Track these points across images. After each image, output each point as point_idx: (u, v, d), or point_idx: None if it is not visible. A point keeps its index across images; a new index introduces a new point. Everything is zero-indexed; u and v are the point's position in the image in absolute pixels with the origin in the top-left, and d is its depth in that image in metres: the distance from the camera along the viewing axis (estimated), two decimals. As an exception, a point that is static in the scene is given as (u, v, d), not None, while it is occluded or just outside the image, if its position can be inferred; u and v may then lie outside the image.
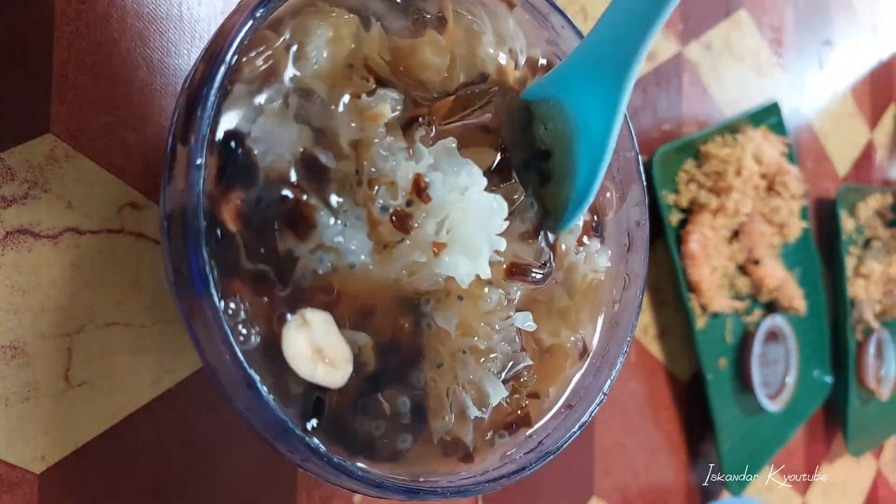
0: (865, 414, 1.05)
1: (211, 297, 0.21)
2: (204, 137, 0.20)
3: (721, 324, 0.79)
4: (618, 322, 0.35)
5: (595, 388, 0.33)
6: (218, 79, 0.21)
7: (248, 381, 0.21)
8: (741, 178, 0.72)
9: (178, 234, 0.21)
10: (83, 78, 0.38)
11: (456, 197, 0.27)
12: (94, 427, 0.38)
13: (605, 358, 0.34)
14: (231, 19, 0.24)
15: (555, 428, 0.32)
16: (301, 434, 0.22)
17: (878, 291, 1.04)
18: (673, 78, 0.74)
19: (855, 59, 1.12)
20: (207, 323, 0.21)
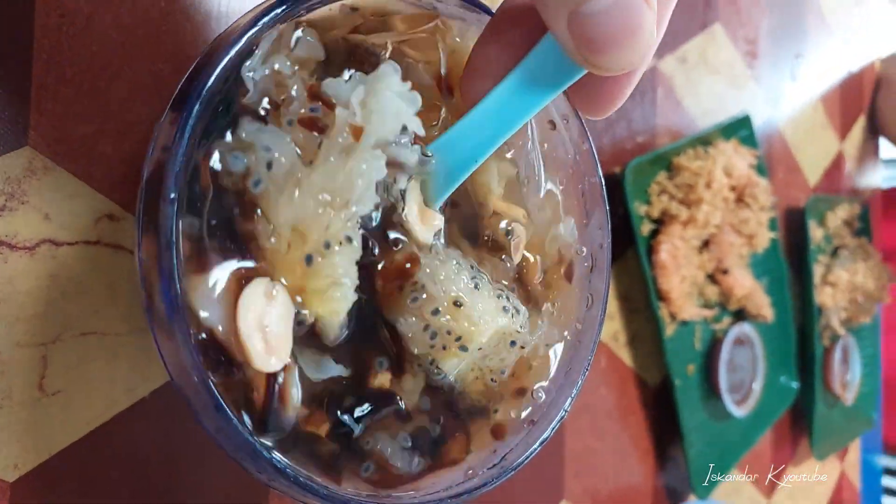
0: (831, 418, 1.08)
1: (182, 323, 0.22)
2: (178, 174, 0.21)
3: (690, 331, 0.81)
4: (580, 340, 0.36)
5: (557, 405, 0.34)
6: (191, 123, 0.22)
7: (216, 405, 0.22)
8: (711, 190, 0.73)
9: (151, 264, 0.22)
10: (63, 90, 0.39)
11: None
12: (68, 435, 0.38)
13: (568, 375, 0.35)
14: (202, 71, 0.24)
15: (517, 444, 0.33)
16: (268, 456, 0.23)
17: (844, 299, 1.06)
18: (647, 91, 0.76)
19: (826, 71, 1.14)
20: (177, 348, 0.22)
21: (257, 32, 0.24)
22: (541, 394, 0.34)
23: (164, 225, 0.21)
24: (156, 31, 0.42)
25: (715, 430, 0.84)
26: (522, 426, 0.34)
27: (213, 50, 0.23)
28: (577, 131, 0.35)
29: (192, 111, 0.21)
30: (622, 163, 0.72)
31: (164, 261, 0.21)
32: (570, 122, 0.35)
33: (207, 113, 0.23)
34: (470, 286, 0.30)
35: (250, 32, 0.23)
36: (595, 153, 0.35)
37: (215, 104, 0.23)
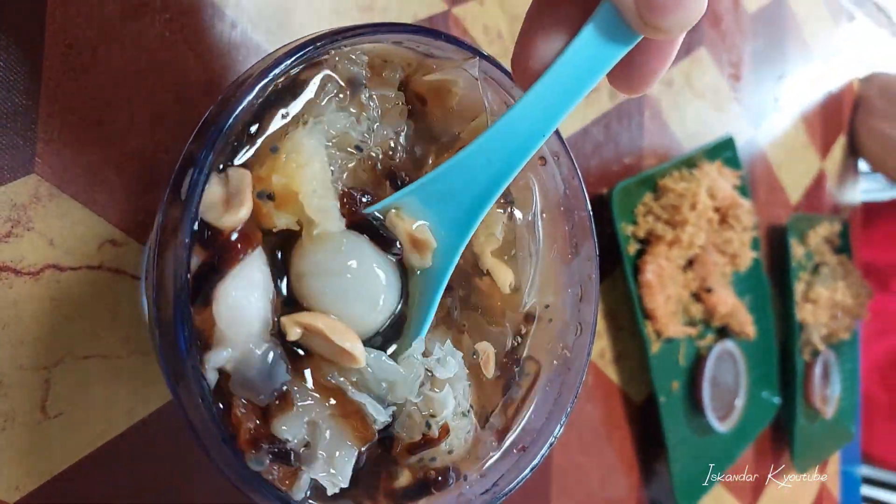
0: (811, 432, 1.10)
1: (195, 363, 0.23)
2: (193, 219, 0.22)
3: (675, 348, 0.82)
4: (570, 367, 0.38)
5: (547, 431, 0.35)
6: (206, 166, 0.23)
7: (225, 439, 0.23)
8: (696, 211, 0.75)
9: (165, 304, 0.23)
10: (69, 118, 0.40)
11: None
12: (69, 457, 0.39)
13: (557, 402, 0.36)
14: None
15: (508, 469, 0.34)
16: (281, 494, 0.24)
17: (825, 315, 1.09)
18: (635, 114, 0.78)
19: (807, 92, 1.17)
20: (189, 385, 0.23)
21: (270, 82, 0.25)
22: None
23: (179, 267, 0.22)
24: (159, 62, 0.43)
25: (699, 445, 0.86)
26: (514, 453, 0.35)
27: (229, 97, 0.24)
28: (567, 167, 0.37)
29: (204, 171, 0.22)
30: (609, 184, 0.74)
31: (180, 303, 0.22)
32: (560, 159, 0.37)
33: (222, 160, 0.24)
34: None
35: (262, 83, 0.25)
36: (584, 189, 0.37)
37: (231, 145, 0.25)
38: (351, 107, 0.30)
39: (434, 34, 0.30)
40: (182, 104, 0.44)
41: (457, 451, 0.34)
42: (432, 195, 0.31)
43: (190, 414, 0.24)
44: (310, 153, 0.27)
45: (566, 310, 0.38)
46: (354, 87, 0.29)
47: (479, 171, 0.30)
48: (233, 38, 0.46)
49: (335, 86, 0.29)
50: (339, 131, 0.30)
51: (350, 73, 0.29)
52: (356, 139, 0.30)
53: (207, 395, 0.23)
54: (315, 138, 0.28)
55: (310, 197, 0.27)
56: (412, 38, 0.29)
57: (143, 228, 0.42)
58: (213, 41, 0.45)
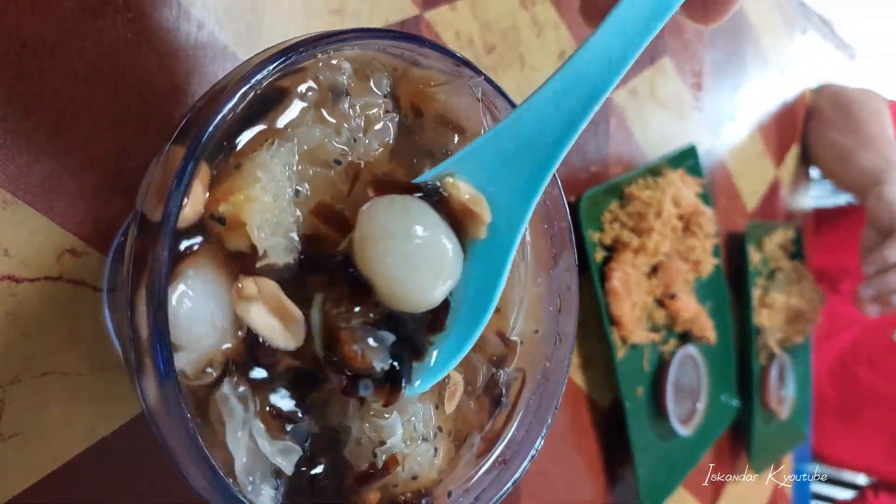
0: (767, 433, 1.12)
1: (173, 386, 0.22)
2: (172, 235, 0.21)
3: (639, 354, 0.83)
4: (549, 378, 0.37)
5: (527, 443, 0.35)
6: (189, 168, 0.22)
7: (209, 468, 0.22)
8: (661, 219, 0.76)
9: (143, 327, 0.22)
10: (24, 123, 0.38)
11: None
12: (26, 479, 0.37)
13: (537, 414, 0.36)
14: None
15: (490, 483, 0.34)
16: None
17: (780, 320, 1.11)
18: (601, 122, 0.78)
19: (763, 102, 1.20)
20: (169, 410, 0.22)
21: (251, 88, 0.24)
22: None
23: (156, 284, 0.21)
24: (121, 64, 0.41)
25: (662, 449, 0.86)
26: (495, 466, 0.35)
27: (209, 102, 0.23)
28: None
29: (185, 174, 0.21)
30: (576, 192, 0.74)
31: (158, 322, 0.21)
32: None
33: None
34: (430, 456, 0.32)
35: (243, 89, 0.23)
36: (564, 199, 0.37)
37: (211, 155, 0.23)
38: (331, 117, 0.28)
39: (419, 41, 0.29)
40: (145, 108, 0.42)
41: (424, 475, 0.32)
42: (488, 160, 0.29)
43: (167, 437, 0.22)
44: (261, 185, 0.26)
45: (547, 320, 0.38)
46: (336, 95, 0.28)
47: (544, 124, 0.28)
48: (199, 40, 0.44)
49: (314, 95, 0.28)
50: (313, 146, 0.28)
51: (332, 80, 0.28)
52: (335, 152, 0.29)
53: (187, 416, 0.22)
54: (278, 160, 0.27)
55: (256, 232, 0.26)
56: (397, 44, 0.28)
57: (105, 238, 0.41)
58: (178, 43, 0.43)
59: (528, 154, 0.29)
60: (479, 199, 0.29)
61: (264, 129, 0.27)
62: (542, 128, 0.28)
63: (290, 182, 0.27)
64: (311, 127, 0.28)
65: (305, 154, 0.28)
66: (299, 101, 0.28)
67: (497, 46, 0.64)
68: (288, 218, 0.27)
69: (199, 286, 0.24)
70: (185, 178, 0.21)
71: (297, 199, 0.28)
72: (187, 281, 0.24)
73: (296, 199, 0.27)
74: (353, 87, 0.29)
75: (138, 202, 0.24)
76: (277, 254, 0.26)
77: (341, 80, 0.28)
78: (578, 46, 0.28)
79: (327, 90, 0.28)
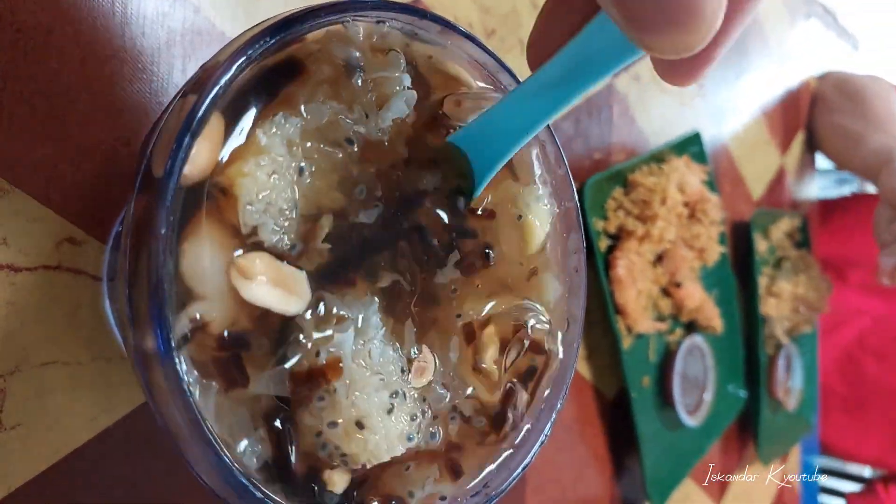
0: (775, 424, 1.11)
1: (173, 364, 0.21)
2: (170, 207, 0.21)
3: (645, 343, 0.82)
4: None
5: (537, 429, 0.34)
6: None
7: (209, 445, 0.21)
8: (666, 206, 0.75)
9: (142, 302, 0.21)
10: (20, 109, 0.37)
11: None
12: (28, 470, 0.37)
13: (547, 399, 0.35)
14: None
15: (499, 469, 0.33)
16: (260, 495, 0.22)
17: (787, 309, 1.10)
18: (604, 108, 0.78)
19: (768, 88, 1.19)
20: (170, 388, 0.21)
21: (247, 61, 0.23)
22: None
23: (154, 262, 0.20)
24: (118, 48, 0.40)
25: (669, 440, 0.86)
26: (502, 451, 0.34)
27: (203, 76, 0.23)
28: (554, 157, 0.36)
29: (183, 143, 0.21)
30: (579, 179, 0.73)
31: (156, 300, 0.20)
32: (546, 148, 0.36)
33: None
34: (384, 408, 0.28)
35: (239, 61, 0.23)
36: (571, 178, 0.36)
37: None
38: (343, 92, 0.28)
39: (419, 13, 0.28)
40: (142, 94, 0.41)
41: (378, 459, 0.28)
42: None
43: (168, 421, 0.22)
44: (258, 160, 0.25)
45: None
46: (349, 70, 0.27)
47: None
48: (195, 24, 0.44)
49: (327, 70, 0.27)
50: (323, 122, 0.27)
51: (345, 54, 0.27)
52: (346, 130, 0.28)
53: (188, 397, 0.21)
54: (282, 135, 0.26)
55: (243, 209, 0.25)
56: (398, 17, 0.28)
57: (104, 226, 0.40)
58: (174, 27, 0.43)
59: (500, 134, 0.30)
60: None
61: (271, 101, 0.26)
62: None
63: (292, 160, 0.27)
64: (322, 103, 0.27)
65: (314, 131, 0.27)
66: (310, 74, 0.27)
67: (497, 30, 0.63)
68: (285, 196, 0.26)
69: (201, 250, 0.24)
70: (195, 123, 0.20)
71: (301, 179, 0.27)
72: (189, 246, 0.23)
73: (298, 178, 0.27)
74: (367, 61, 0.28)
75: (141, 162, 0.23)
76: (267, 233, 0.25)
77: (353, 53, 0.27)
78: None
79: (340, 64, 0.27)
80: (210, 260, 0.23)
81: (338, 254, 0.28)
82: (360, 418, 0.26)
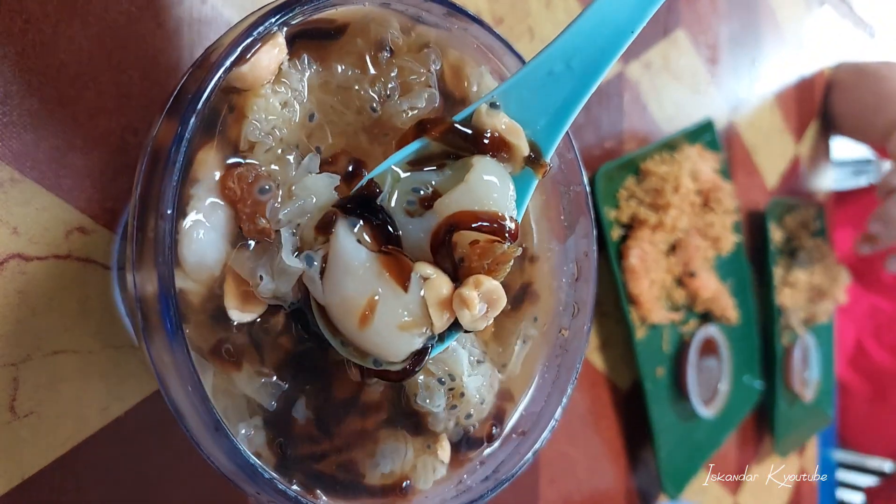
0: (791, 416, 1.10)
1: (181, 345, 0.21)
2: (175, 188, 0.20)
3: (658, 334, 0.82)
4: (567, 349, 0.36)
5: (547, 414, 0.34)
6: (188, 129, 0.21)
7: (216, 426, 0.21)
8: (679, 195, 0.75)
9: (150, 285, 0.21)
10: (30, 100, 0.37)
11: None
12: (41, 458, 0.37)
13: (556, 384, 0.35)
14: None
15: (509, 454, 0.33)
16: (269, 477, 0.22)
17: (803, 299, 1.09)
18: (614, 96, 0.77)
19: (782, 76, 1.18)
20: (177, 369, 0.21)
21: (251, 43, 0.23)
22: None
23: (161, 240, 0.20)
24: (124, 38, 0.40)
25: (684, 431, 0.85)
26: (512, 436, 0.34)
27: (207, 60, 0.22)
28: (563, 141, 0.35)
29: (189, 124, 0.21)
30: (591, 168, 0.73)
31: (164, 280, 0.20)
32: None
33: (203, 124, 0.22)
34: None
35: (244, 43, 0.23)
36: (580, 162, 0.35)
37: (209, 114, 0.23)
38: (371, 66, 0.29)
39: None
40: (150, 83, 0.42)
41: (488, 399, 0.33)
42: (522, 94, 0.29)
43: (178, 402, 0.22)
44: (273, 86, 0.27)
45: (562, 289, 0.37)
46: (379, 48, 0.29)
47: (576, 55, 0.28)
48: (203, 14, 0.44)
49: (361, 42, 0.29)
50: (341, 82, 0.29)
51: (379, 35, 0.28)
52: (367, 100, 0.29)
53: (197, 378, 0.21)
54: (300, 74, 0.28)
55: (248, 125, 0.26)
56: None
57: (113, 215, 0.40)
58: (181, 16, 0.43)
59: (558, 86, 0.29)
60: (516, 129, 0.29)
61: (307, 44, 0.28)
62: (574, 58, 0.29)
63: (304, 100, 0.28)
64: (347, 68, 0.29)
65: (335, 88, 0.29)
66: (346, 40, 0.29)
67: (505, 19, 0.63)
68: (290, 132, 0.28)
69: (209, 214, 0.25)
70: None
71: (311, 124, 0.28)
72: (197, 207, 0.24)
73: (309, 124, 0.28)
74: (398, 47, 0.29)
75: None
76: (262, 153, 0.26)
77: (386, 35, 0.29)
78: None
79: (373, 41, 0.29)
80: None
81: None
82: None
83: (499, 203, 0.28)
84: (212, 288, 0.25)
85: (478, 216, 0.27)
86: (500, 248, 0.27)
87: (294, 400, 0.28)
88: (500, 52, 0.32)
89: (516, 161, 0.29)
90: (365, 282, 0.26)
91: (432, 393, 0.30)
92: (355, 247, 0.27)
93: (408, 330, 0.27)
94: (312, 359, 0.29)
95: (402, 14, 0.29)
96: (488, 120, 0.28)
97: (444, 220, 0.28)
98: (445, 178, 0.29)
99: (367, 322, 0.26)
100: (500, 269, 0.28)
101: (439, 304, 0.27)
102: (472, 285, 0.28)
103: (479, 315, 0.27)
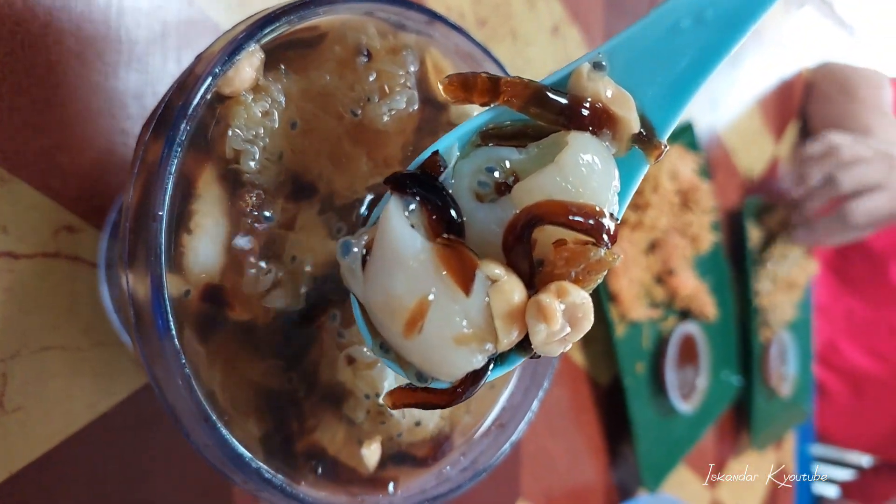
0: (769, 411, 1.12)
1: (172, 340, 0.22)
2: (166, 192, 0.21)
3: (638, 331, 0.83)
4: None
5: (524, 407, 0.35)
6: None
7: (205, 418, 0.22)
8: (658, 195, 0.76)
9: (142, 284, 0.22)
10: (18, 100, 0.38)
11: None
12: (29, 453, 0.38)
13: (534, 378, 0.36)
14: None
15: (487, 446, 0.34)
16: (256, 467, 0.23)
17: (780, 295, 1.11)
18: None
19: (762, 78, 1.19)
20: (167, 364, 0.22)
21: (238, 53, 0.24)
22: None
23: (153, 244, 0.21)
24: (114, 40, 0.41)
25: (663, 427, 0.87)
26: (491, 429, 0.35)
27: (195, 69, 0.23)
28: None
29: (180, 129, 0.21)
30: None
31: (154, 279, 0.21)
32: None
33: (193, 129, 0.23)
34: None
35: (227, 59, 0.24)
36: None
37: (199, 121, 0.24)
38: (348, 72, 0.29)
39: (405, 4, 0.29)
40: (138, 84, 0.42)
41: (425, 421, 0.32)
42: (633, 56, 0.24)
43: (168, 395, 0.23)
44: (254, 96, 0.27)
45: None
46: (357, 54, 0.29)
47: (687, 34, 0.24)
48: (190, 16, 0.44)
49: (339, 50, 0.29)
50: (320, 90, 0.29)
51: (356, 40, 0.29)
52: (347, 105, 0.29)
53: (186, 373, 0.22)
54: (278, 83, 0.28)
55: (231, 134, 0.26)
56: (383, 7, 0.29)
57: (101, 214, 0.41)
58: (168, 18, 0.43)
59: (684, 45, 0.25)
60: (625, 98, 0.24)
61: (285, 54, 0.28)
62: (708, 9, 0.24)
63: (283, 108, 0.28)
64: (326, 74, 0.29)
65: (315, 95, 0.29)
66: (323, 48, 0.29)
67: (489, 20, 0.64)
68: (273, 141, 0.28)
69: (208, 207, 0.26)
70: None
71: (292, 133, 0.28)
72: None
73: (290, 132, 0.28)
74: (376, 51, 0.30)
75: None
76: (247, 160, 0.27)
77: (363, 40, 0.29)
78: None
79: (351, 48, 0.29)
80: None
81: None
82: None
83: (597, 194, 0.22)
84: (205, 285, 0.26)
85: (569, 209, 0.22)
86: (595, 252, 0.22)
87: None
88: (481, 58, 0.33)
89: (622, 140, 0.24)
90: (417, 278, 0.22)
91: (357, 404, 0.29)
92: (410, 233, 0.22)
93: (465, 344, 0.22)
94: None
95: (385, 22, 0.30)
96: (590, 85, 0.23)
97: (524, 210, 0.23)
98: (529, 156, 0.24)
99: (414, 328, 0.22)
100: (590, 280, 0.23)
101: (508, 315, 0.22)
102: (554, 293, 0.22)
103: (557, 334, 0.22)
